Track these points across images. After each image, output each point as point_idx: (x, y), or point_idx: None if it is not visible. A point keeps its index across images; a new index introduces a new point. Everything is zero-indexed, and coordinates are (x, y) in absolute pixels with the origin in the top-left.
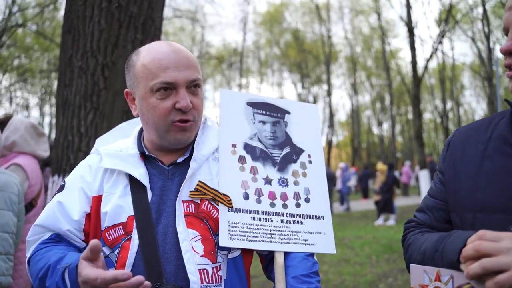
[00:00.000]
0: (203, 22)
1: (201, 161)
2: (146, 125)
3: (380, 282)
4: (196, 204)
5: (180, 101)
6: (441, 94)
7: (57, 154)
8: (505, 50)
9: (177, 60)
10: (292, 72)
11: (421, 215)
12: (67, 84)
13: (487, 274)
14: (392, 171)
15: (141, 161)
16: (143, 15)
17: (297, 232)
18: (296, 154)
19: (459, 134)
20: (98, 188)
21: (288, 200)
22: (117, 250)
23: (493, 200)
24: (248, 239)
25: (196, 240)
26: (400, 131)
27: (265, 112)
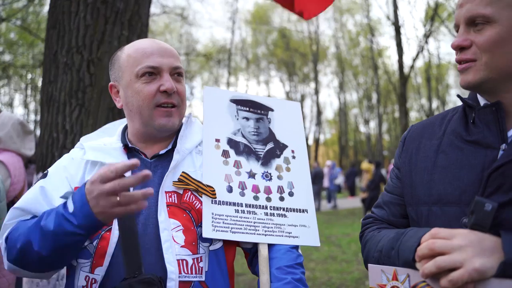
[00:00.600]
0: (191, 20)
1: (184, 154)
2: (130, 114)
3: (367, 279)
4: (179, 194)
5: (165, 83)
6: (427, 92)
7: (42, 151)
8: (455, 46)
9: (160, 48)
10: (279, 70)
11: (378, 211)
12: (52, 81)
13: (442, 272)
14: (379, 169)
15: (123, 154)
16: (129, 11)
17: (281, 224)
18: (280, 149)
19: (414, 130)
20: (80, 180)
21: (272, 193)
22: (96, 241)
23: (447, 193)
24: (232, 230)
25: (177, 230)
26: (387, 129)
27: (248, 109)
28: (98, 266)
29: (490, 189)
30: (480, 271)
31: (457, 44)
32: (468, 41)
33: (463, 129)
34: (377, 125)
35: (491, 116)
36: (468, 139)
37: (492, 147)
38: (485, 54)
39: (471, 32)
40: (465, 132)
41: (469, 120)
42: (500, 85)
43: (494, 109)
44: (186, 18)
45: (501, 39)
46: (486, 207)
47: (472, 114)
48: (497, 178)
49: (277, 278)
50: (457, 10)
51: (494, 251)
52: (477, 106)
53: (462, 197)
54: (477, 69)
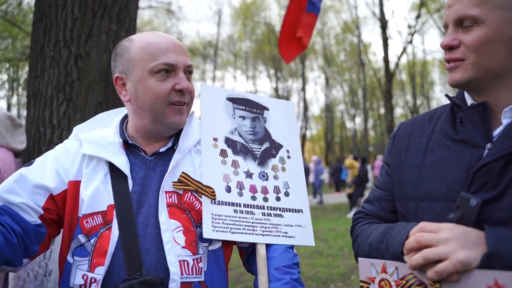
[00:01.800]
0: (177, 14)
1: (184, 153)
2: (139, 110)
3: (352, 273)
4: (179, 195)
5: (181, 82)
6: (411, 89)
7: (29, 146)
8: (444, 45)
9: (175, 45)
10: (267, 65)
11: (368, 206)
12: (39, 75)
13: (428, 264)
14: (365, 165)
15: (122, 149)
16: (117, 5)
17: (278, 224)
18: (275, 149)
19: (404, 127)
20: (76, 173)
21: (269, 193)
22: (94, 239)
23: (434, 190)
24: (231, 231)
25: (178, 231)
26: (372, 125)
27: (244, 108)
28: (98, 266)
29: (475, 186)
30: (464, 263)
31: (446, 43)
32: (457, 40)
33: (450, 128)
34: (363, 121)
35: (478, 116)
36: (456, 138)
37: (478, 146)
38: (473, 54)
39: (459, 32)
40: (452, 131)
41: (457, 119)
42: (487, 84)
43: (481, 109)
44: (173, 12)
45: (488, 40)
46: (471, 203)
47: (460, 113)
48: (482, 177)
49: (276, 278)
50: (446, 10)
51: (477, 243)
52: (464, 106)
53: (448, 194)
54: (465, 68)
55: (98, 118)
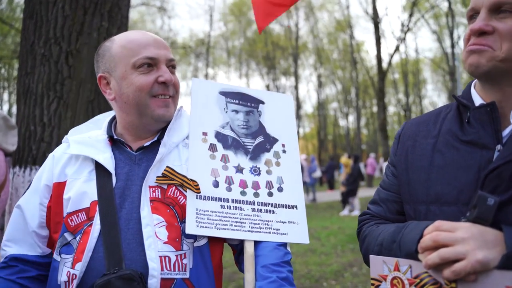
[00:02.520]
0: (170, 12)
1: (171, 147)
2: (124, 106)
3: (345, 271)
4: (162, 189)
5: (164, 75)
6: (404, 88)
7: (19, 144)
8: (476, 29)
9: (156, 40)
10: (259, 63)
11: (374, 207)
12: (29, 72)
13: (444, 263)
14: (357, 163)
15: (108, 146)
16: (109, 2)
17: (269, 221)
18: (270, 143)
19: (408, 127)
20: (59, 175)
21: (260, 189)
22: (79, 236)
23: (444, 193)
24: (217, 227)
25: (160, 226)
26: (365, 123)
27: (238, 102)
28: (78, 262)
29: (486, 189)
30: (482, 263)
31: (479, 27)
32: (490, 26)
33: (458, 129)
34: (355, 119)
35: (486, 116)
36: (464, 139)
37: (487, 148)
38: (506, 44)
39: (493, 19)
40: (460, 132)
41: (464, 120)
42: (507, 78)
43: (489, 109)
44: (165, 10)
45: None
46: (489, 201)
47: (467, 113)
48: (493, 180)
49: (262, 276)
50: None
51: (496, 244)
52: (472, 106)
53: (459, 197)
54: (492, 56)
55: (96, 120)
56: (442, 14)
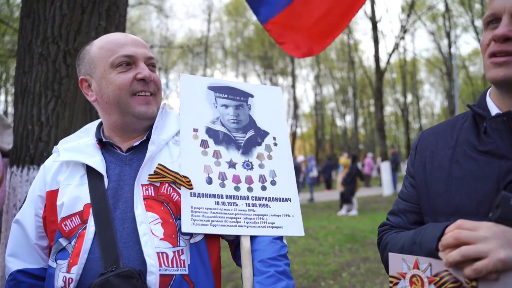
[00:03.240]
0: (168, 11)
1: (160, 145)
2: (106, 106)
3: (343, 271)
4: (155, 187)
5: (142, 71)
6: (402, 88)
7: (16, 144)
8: (500, 35)
9: (133, 39)
10: (256, 63)
11: (394, 218)
12: (27, 71)
13: (465, 262)
14: (355, 163)
15: (97, 149)
16: (107, 1)
17: (264, 215)
18: (261, 137)
19: (425, 137)
20: (51, 183)
21: (254, 183)
22: (74, 240)
23: (464, 205)
24: (212, 224)
25: (155, 223)
26: (362, 123)
27: (227, 96)
28: (74, 265)
29: None
30: (504, 262)
31: (503, 33)
32: None
33: (475, 139)
34: (353, 119)
35: (503, 126)
36: (481, 150)
37: (506, 158)
38: None
39: None
40: (477, 142)
41: (481, 130)
42: None
43: (506, 119)
44: (164, 10)
45: None
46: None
47: (483, 123)
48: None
49: (260, 271)
50: (496, 0)
51: None
52: (488, 116)
53: (479, 209)
54: None
55: (85, 129)
56: (439, 14)
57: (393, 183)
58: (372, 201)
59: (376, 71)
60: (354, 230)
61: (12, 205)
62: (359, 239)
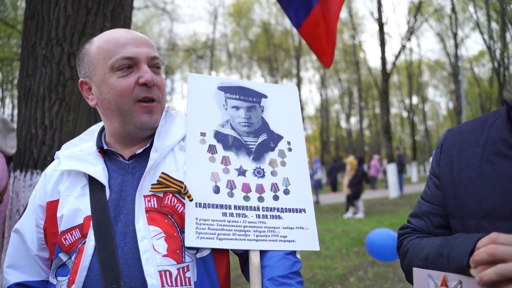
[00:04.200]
0: (172, 14)
1: (164, 152)
2: (107, 112)
3: (351, 275)
4: (158, 198)
5: (144, 75)
6: (407, 89)
7: (20, 147)
8: None
9: (135, 37)
10: (261, 65)
11: (416, 221)
12: (30, 74)
13: (503, 282)
14: (361, 165)
15: (99, 157)
16: (112, 2)
17: (275, 228)
18: (274, 141)
19: (451, 136)
20: (52, 193)
21: (265, 192)
22: (74, 255)
23: (497, 207)
24: (219, 237)
25: (158, 238)
26: (367, 125)
27: (238, 97)
28: (73, 284)
29: None
30: None
31: None
32: None
33: (510, 136)
34: (358, 121)
35: None
36: None
37: None
38: None
39: None
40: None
41: None
42: None
43: None
44: (169, 13)
45: None
46: None
47: None
48: None
49: None
50: None
51: None
52: None
53: None
54: None
55: (90, 131)
56: (445, 15)
57: (399, 186)
58: (378, 203)
59: (382, 73)
60: (360, 233)
61: (15, 210)
62: None
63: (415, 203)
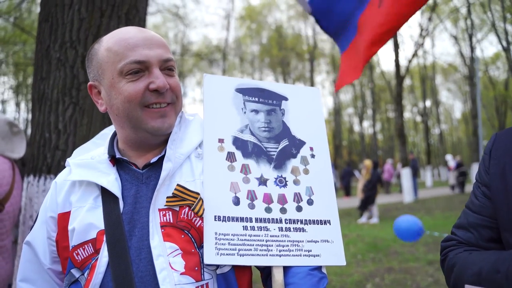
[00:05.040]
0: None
1: (179, 160)
2: (117, 119)
3: (367, 282)
4: (174, 211)
5: (155, 81)
6: (421, 93)
7: (33, 152)
8: None
9: (146, 38)
10: (274, 69)
11: (463, 233)
12: (44, 77)
13: None
14: (376, 170)
15: (111, 166)
16: (126, 4)
17: (299, 241)
18: (296, 147)
19: (501, 140)
20: (63, 204)
21: (287, 203)
22: (87, 271)
23: None
24: (240, 253)
25: (175, 255)
26: (380, 129)
27: (258, 99)
28: None
29: None
30: None
31: None
32: None
33: None
34: (371, 125)
35: None
36: None
37: None
38: None
39: None
40: None
41: None
42: None
43: None
44: (182, 18)
45: None
46: None
47: None
48: None
49: None
50: None
51: None
52: None
53: None
54: None
55: (103, 135)
56: (461, 17)
57: (414, 190)
58: (393, 208)
59: (396, 76)
60: (376, 238)
61: (29, 216)
62: (381, 248)
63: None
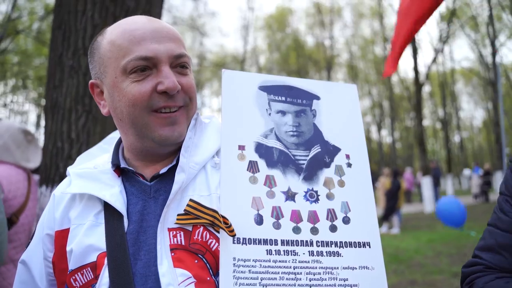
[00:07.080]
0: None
1: (194, 171)
2: (121, 124)
3: None
4: (187, 232)
5: (164, 81)
6: (441, 99)
7: (46, 162)
8: None
9: (155, 29)
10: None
11: (491, 256)
12: (57, 85)
13: None
14: (396, 178)
15: (116, 177)
16: (140, 10)
17: (333, 268)
18: (330, 154)
19: None
20: (61, 220)
21: (319, 222)
22: None
23: None
24: (262, 282)
25: (188, 283)
26: (399, 137)
27: (285, 99)
28: None
29: None
30: None
31: None
32: None
33: None
34: (390, 134)
35: None
36: None
37: None
38: None
39: None
40: None
41: None
42: None
43: None
44: (198, 29)
45: None
46: None
47: None
48: None
49: None
50: None
51: None
52: None
53: None
54: None
55: (109, 139)
56: (482, 22)
57: (435, 200)
58: (413, 218)
59: (415, 83)
60: (397, 249)
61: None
62: (404, 259)
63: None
